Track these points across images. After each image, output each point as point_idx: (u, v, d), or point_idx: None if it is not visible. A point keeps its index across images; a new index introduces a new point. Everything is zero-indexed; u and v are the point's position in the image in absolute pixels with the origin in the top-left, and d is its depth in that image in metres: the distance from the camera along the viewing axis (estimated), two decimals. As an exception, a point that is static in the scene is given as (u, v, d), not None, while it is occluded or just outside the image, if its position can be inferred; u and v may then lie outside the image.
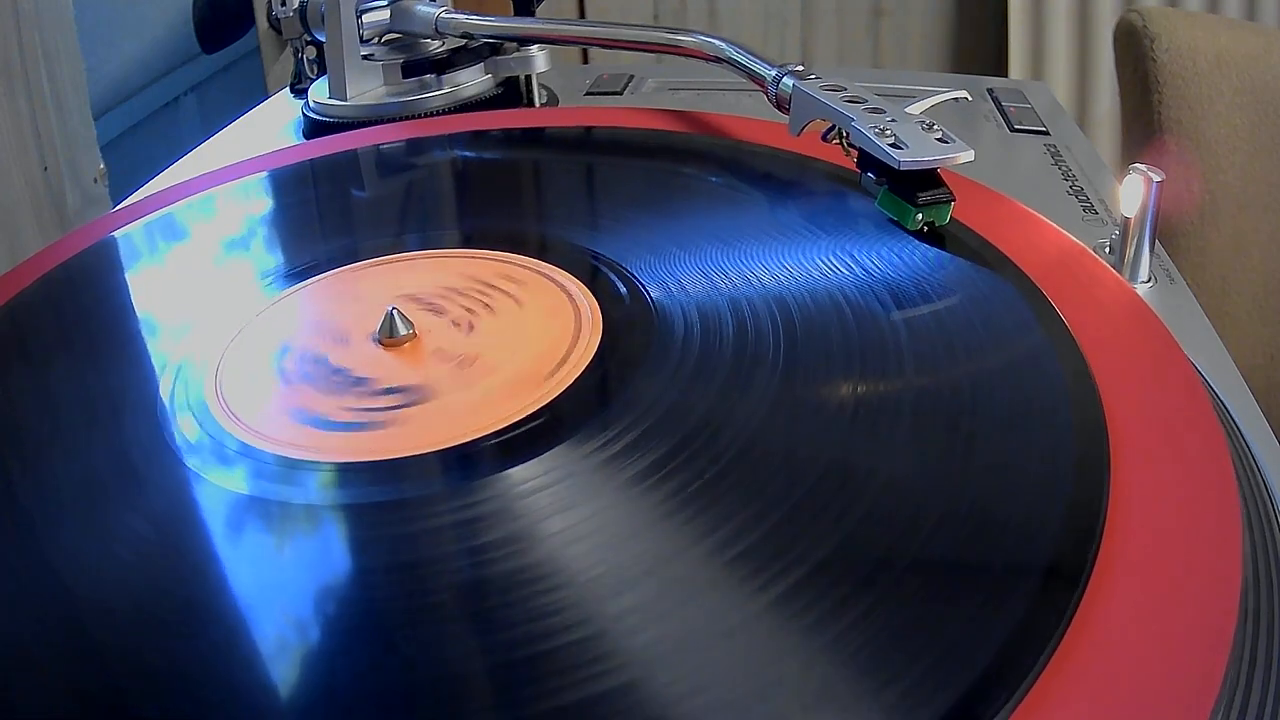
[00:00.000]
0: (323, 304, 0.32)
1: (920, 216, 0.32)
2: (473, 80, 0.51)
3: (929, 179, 0.32)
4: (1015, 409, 0.25)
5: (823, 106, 0.36)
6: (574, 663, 0.19)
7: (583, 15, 1.19)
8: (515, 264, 0.33)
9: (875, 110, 0.34)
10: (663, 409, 0.25)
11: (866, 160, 0.34)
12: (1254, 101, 0.67)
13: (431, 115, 0.49)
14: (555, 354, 0.28)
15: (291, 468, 0.25)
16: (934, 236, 0.32)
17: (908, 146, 0.32)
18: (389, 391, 0.28)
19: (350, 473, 0.25)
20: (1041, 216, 0.34)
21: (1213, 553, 0.21)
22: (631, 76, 0.58)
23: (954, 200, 0.32)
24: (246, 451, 0.26)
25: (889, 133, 0.33)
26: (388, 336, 0.29)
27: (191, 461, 0.26)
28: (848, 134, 0.34)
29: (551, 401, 0.26)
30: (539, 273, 0.32)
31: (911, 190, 0.32)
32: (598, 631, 0.20)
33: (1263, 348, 0.70)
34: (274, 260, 0.36)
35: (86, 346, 0.32)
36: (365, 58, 0.51)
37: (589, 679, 0.19)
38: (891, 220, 0.33)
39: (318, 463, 0.25)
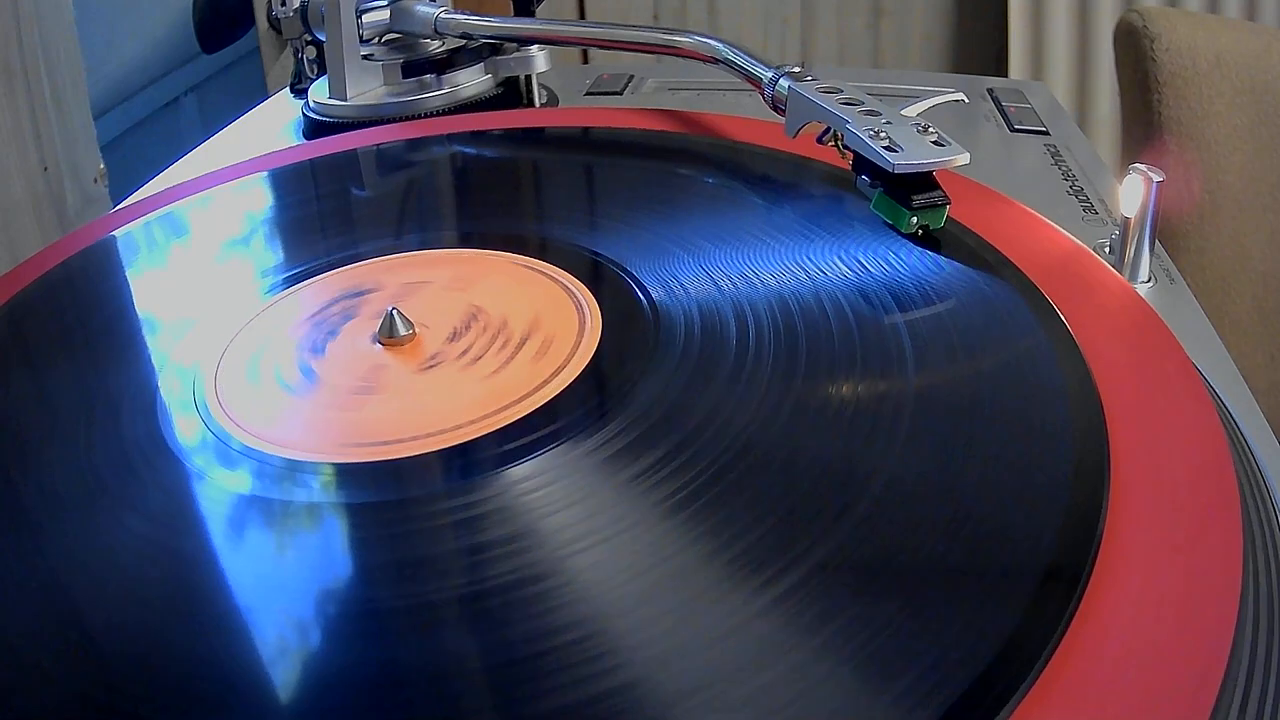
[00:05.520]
0: (322, 304, 0.32)
1: (915, 220, 0.32)
2: (472, 80, 0.51)
3: (924, 182, 0.32)
4: (1015, 409, 0.25)
5: (818, 108, 0.35)
6: (573, 662, 0.19)
7: (583, 15, 1.19)
8: (515, 264, 0.33)
9: (870, 112, 0.34)
10: (663, 409, 0.25)
11: (861, 163, 0.33)
12: (1254, 101, 0.67)
13: (431, 115, 0.49)
14: (556, 354, 0.28)
15: (291, 467, 0.25)
16: (934, 237, 0.32)
17: (902, 149, 0.32)
18: (389, 392, 0.28)
19: (350, 473, 0.25)
20: (1042, 217, 0.34)
21: (1213, 553, 0.21)
22: (631, 77, 0.58)
23: (949, 204, 0.32)
24: (246, 452, 0.26)
25: (884, 135, 0.32)
26: (388, 336, 0.29)
27: (191, 462, 0.26)
28: (843, 136, 0.34)
29: (551, 401, 0.26)
30: (539, 272, 0.32)
31: (906, 193, 0.32)
32: (597, 631, 0.20)
33: (1263, 348, 0.70)
34: (274, 260, 0.36)
35: (86, 346, 0.32)
36: (365, 58, 0.51)
37: (588, 679, 0.19)
38: (886, 223, 0.33)
39: (318, 463, 0.25)
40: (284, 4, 0.54)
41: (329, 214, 0.40)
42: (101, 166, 0.69)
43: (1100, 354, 0.26)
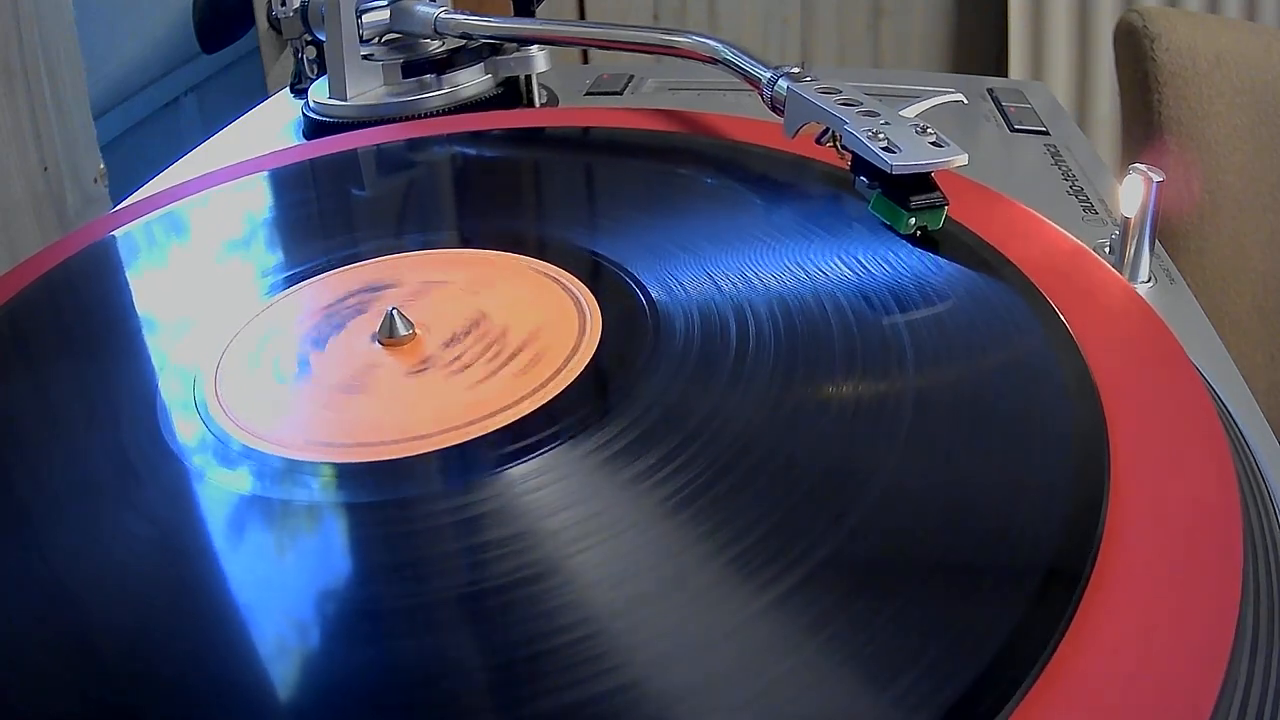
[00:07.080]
0: (322, 304, 0.32)
1: (913, 221, 0.32)
2: (472, 80, 0.51)
3: (923, 183, 0.32)
4: (1016, 409, 0.25)
5: (816, 109, 0.35)
6: (573, 662, 0.19)
7: (583, 15, 1.19)
8: (515, 264, 0.33)
9: (869, 113, 0.34)
10: (663, 409, 0.25)
11: (860, 164, 0.33)
12: (1254, 101, 0.67)
13: (431, 115, 0.49)
14: (556, 354, 0.28)
15: (292, 468, 0.25)
16: (933, 238, 0.32)
17: (901, 150, 0.32)
18: (389, 392, 0.28)
19: (350, 473, 0.25)
20: (1042, 217, 0.34)
21: (1212, 553, 0.21)
22: (631, 76, 0.58)
23: (948, 204, 0.32)
24: (246, 452, 0.26)
25: (882, 136, 0.32)
26: (388, 336, 0.29)
27: (191, 462, 0.26)
28: (841, 137, 0.34)
29: (551, 401, 0.26)
30: (539, 273, 0.32)
31: (905, 194, 0.31)
32: (596, 631, 0.20)
33: (1263, 348, 0.70)
34: (274, 260, 0.36)
35: (86, 346, 0.32)
36: (365, 58, 0.51)
37: (588, 679, 0.19)
38: (885, 225, 0.33)
39: (318, 463, 0.25)
40: (284, 4, 0.54)
41: (328, 214, 0.40)
42: (101, 166, 0.69)
43: (1100, 354, 0.26)
